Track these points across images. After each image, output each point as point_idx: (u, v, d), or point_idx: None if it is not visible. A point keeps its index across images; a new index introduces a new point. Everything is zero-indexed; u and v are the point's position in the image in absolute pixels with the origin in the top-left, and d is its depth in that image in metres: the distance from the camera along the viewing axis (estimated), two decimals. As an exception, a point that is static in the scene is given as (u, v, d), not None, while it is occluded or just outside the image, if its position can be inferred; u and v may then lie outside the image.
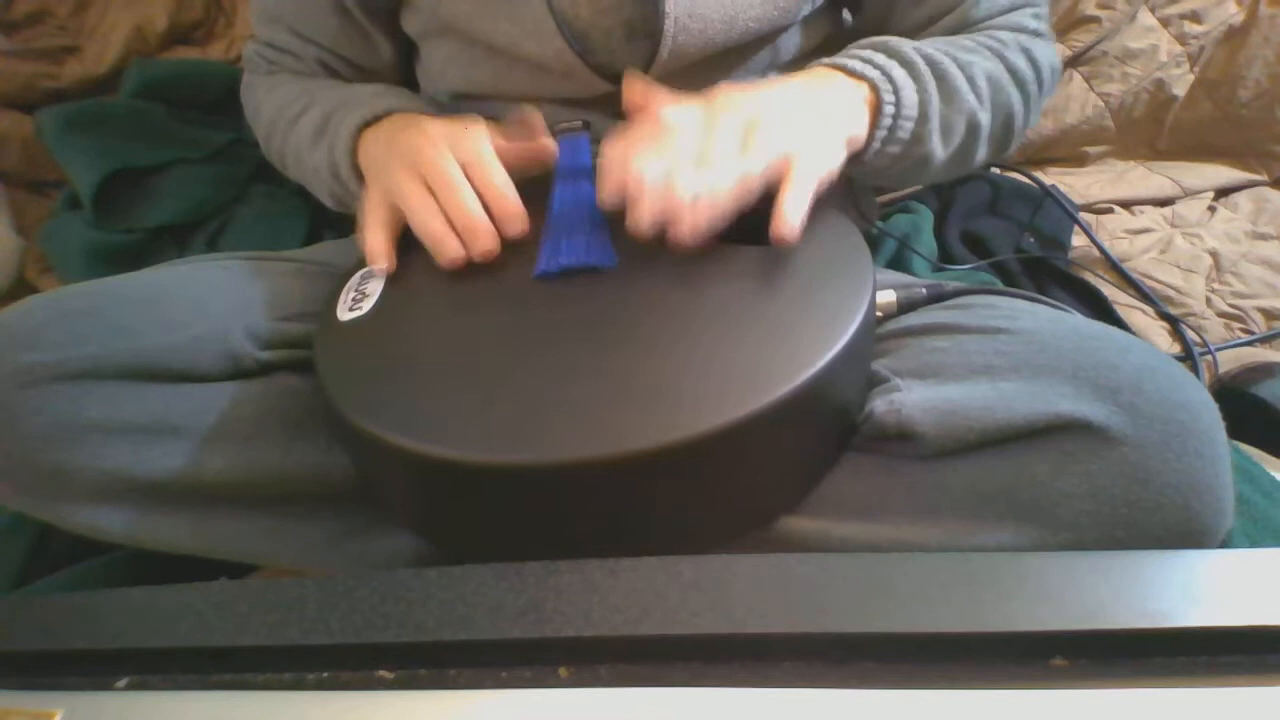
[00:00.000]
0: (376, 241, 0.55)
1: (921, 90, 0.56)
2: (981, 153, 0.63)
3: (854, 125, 0.54)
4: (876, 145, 0.55)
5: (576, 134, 0.60)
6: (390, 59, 0.72)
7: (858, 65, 0.55)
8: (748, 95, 0.52)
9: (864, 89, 0.54)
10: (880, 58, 0.56)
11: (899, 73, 0.55)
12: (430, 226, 0.52)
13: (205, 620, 0.40)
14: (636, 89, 0.54)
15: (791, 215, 0.47)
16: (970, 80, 0.58)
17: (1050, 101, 1.12)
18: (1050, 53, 0.65)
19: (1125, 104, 1.11)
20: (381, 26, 0.69)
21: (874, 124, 0.55)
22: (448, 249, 0.52)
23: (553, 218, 0.55)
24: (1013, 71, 0.61)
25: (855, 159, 0.54)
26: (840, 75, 0.55)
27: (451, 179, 0.52)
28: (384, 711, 0.37)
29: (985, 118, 0.60)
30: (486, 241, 0.52)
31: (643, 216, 0.47)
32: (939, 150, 0.58)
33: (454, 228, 0.52)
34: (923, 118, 0.56)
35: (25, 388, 0.48)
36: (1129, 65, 1.10)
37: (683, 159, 0.48)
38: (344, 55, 0.71)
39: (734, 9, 0.58)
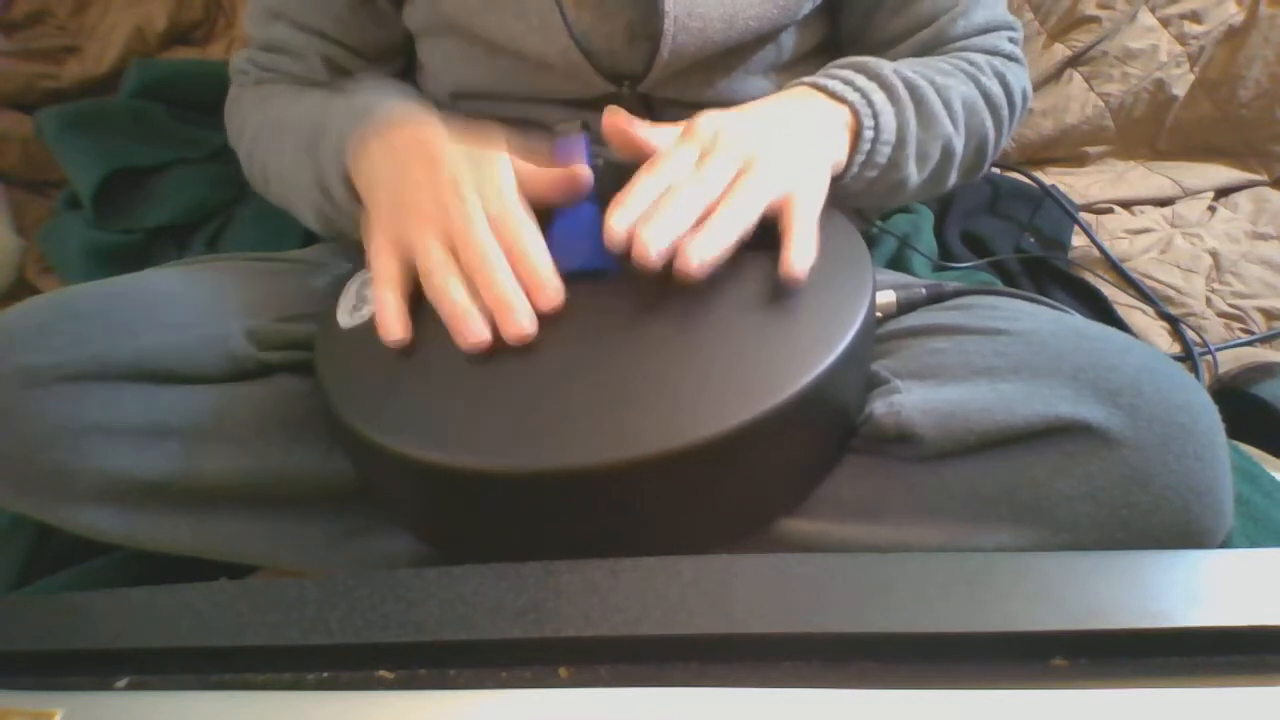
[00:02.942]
0: (390, 307, 0.48)
1: (900, 115, 0.56)
2: (954, 177, 0.63)
3: (836, 150, 0.54)
4: (855, 169, 0.55)
5: (576, 135, 0.60)
6: (399, 41, 0.70)
7: (838, 87, 0.55)
8: (735, 125, 0.51)
9: (844, 112, 0.54)
10: (860, 79, 0.56)
11: (879, 97, 0.55)
12: (453, 303, 0.46)
13: (205, 620, 0.40)
14: (617, 125, 0.51)
15: (800, 262, 0.46)
16: (947, 105, 0.58)
17: (1050, 101, 1.12)
18: (1023, 77, 0.66)
19: (1125, 104, 1.11)
20: (394, 1, 0.67)
21: (853, 148, 0.55)
22: (472, 332, 0.46)
23: (552, 222, 0.54)
24: (987, 96, 0.62)
25: (833, 182, 0.54)
26: (821, 97, 0.55)
27: (484, 250, 0.46)
28: (384, 711, 0.37)
29: (960, 143, 0.60)
30: (524, 325, 0.45)
31: (648, 263, 0.45)
32: (914, 175, 0.59)
33: (479, 301, 0.46)
34: (900, 143, 0.56)
35: (26, 388, 0.48)
36: (1129, 65, 1.10)
37: (683, 210, 0.46)
38: (350, 44, 0.68)
39: (734, 8, 0.58)
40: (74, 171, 0.97)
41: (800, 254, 0.47)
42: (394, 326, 0.48)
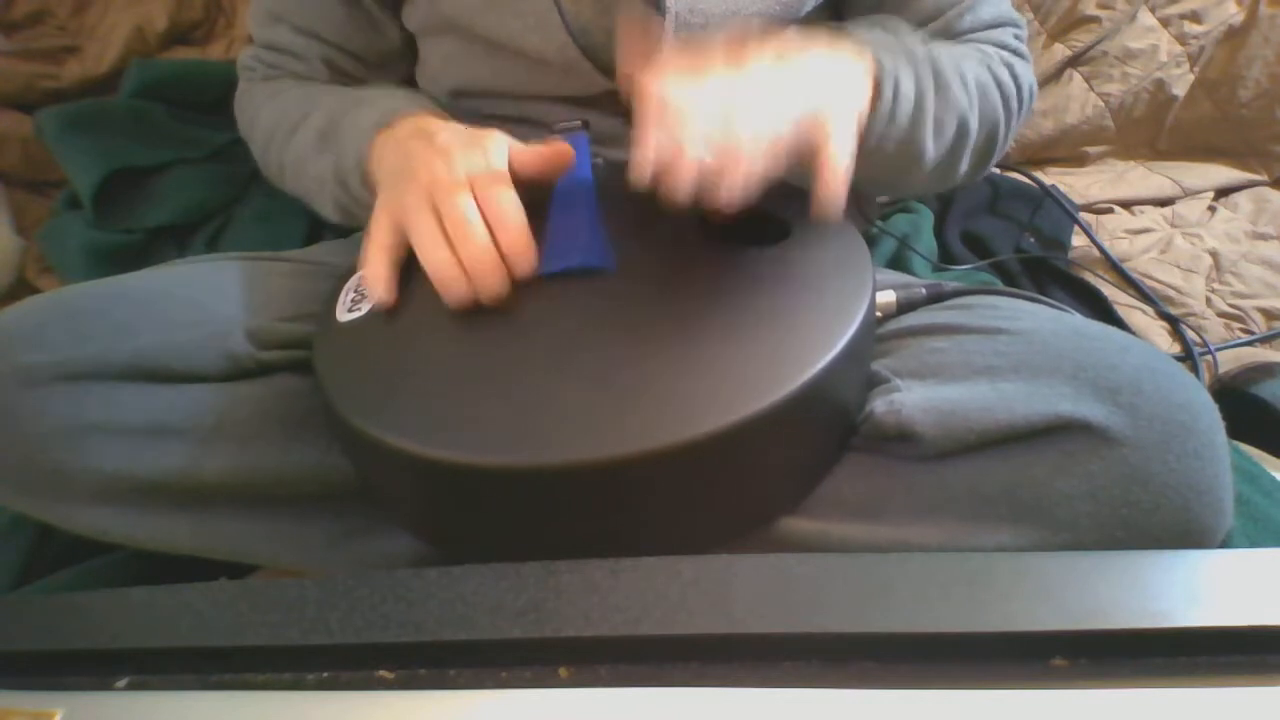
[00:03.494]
0: (378, 268, 0.51)
1: (918, 79, 0.55)
2: (965, 162, 0.62)
3: (859, 92, 0.52)
4: (880, 120, 0.53)
5: (576, 134, 0.60)
6: (398, 47, 0.70)
7: (860, 34, 0.54)
8: (764, 48, 0.48)
9: (867, 61, 0.53)
10: (879, 34, 0.55)
11: (901, 58, 0.54)
12: (437, 263, 0.48)
13: (205, 620, 0.40)
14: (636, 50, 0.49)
15: (837, 177, 0.45)
16: (962, 80, 0.58)
17: (1050, 101, 1.12)
18: (1029, 73, 0.65)
19: (1125, 104, 1.11)
20: (388, 9, 0.68)
21: (875, 99, 0.53)
22: (454, 291, 0.49)
23: (553, 219, 0.54)
24: (999, 83, 0.61)
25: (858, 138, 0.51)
26: (842, 46, 0.53)
27: (461, 211, 0.48)
28: (384, 711, 0.37)
29: (974, 121, 0.59)
30: (495, 285, 0.49)
31: (686, 171, 0.43)
32: (929, 147, 0.57)
33: (462, 264, 0.49)
34: (918, 106, 0.55)
35: (26, 388, 0.48)
36: (1129, 65, 1.10)
37: (726, 99, 0.44)
38: (350, 49, 0.69)
39: (736, 5, 0.58)
40: (74, 171, 0.97)
41: (836, 173, 0.45)
42: (379, 284, 0.51)
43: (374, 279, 0.51)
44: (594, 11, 0.60)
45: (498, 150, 0.52)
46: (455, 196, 0.49)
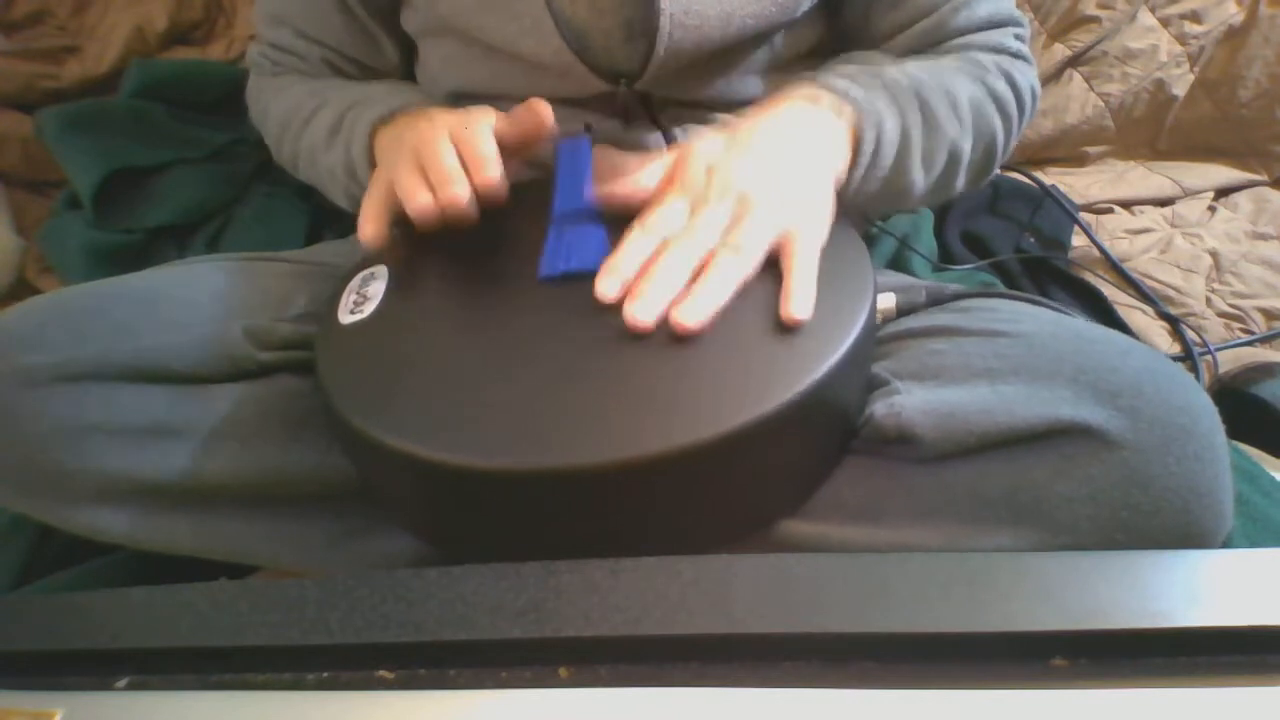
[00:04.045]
0: (368, 211, 0.54)
1: (904, 118, 0.55)
2: (962, 180, 0.62)
3: (838, 163, 0.53)
4: (855, 183, 0.55)
5: (577, 137, 0.60)
6: (395, 59, 0.72)
7: (841, 85, 0.55)
8: (728, 162, 0.51)
9: (846, 121, 0.54)
10: (864, 78, 0.55)
11: (882, 100, 0.55)
12: (405, 180, 0.52)
13: (205, 620, 0.40)
14: (607, 162, 0.55)
15: (799, 308, 0.46)
16: (954, 106, 0.58)
17: (1050, 101, 1.12)
18: (1031, 75, 0.65)
19: (1125, 104, 1.11)
20: (385, 25, 0.70)
21: (856, 151, 0.54)
22: (417, 198, 0.51)
23: (554, 222, 0.54)
24: (995, 97, 0.61)
25: (836, 194, 0.53)
26: (823, 104, 0.55)
27: (435, 141, 0.52)
28: (384, 711, 0.37)
29: (966, 145, 0.59)
30: (451, 189, 0.50)
31: (642, 319, 0.46)
32: (919, 180, 0.58)
33: (429, 183, 0.52)
34: (904, 148, 0.56)
35: (26, 388, 0.48)
36: (1129, 65, 1.11)
37: (675, 273, 0.47)
38: (350, 55, 0.71)
39: (730, 6, 0.58)
40: (74, 171, 0.97)
41: (800, 298, 0.46)
42: (368, 228, 0.53)
43: (364, 220, 0.54)
44: (589, 14, 0.60)
45: (482, 114, 0.55)
46: (433, 137, 0.53)
